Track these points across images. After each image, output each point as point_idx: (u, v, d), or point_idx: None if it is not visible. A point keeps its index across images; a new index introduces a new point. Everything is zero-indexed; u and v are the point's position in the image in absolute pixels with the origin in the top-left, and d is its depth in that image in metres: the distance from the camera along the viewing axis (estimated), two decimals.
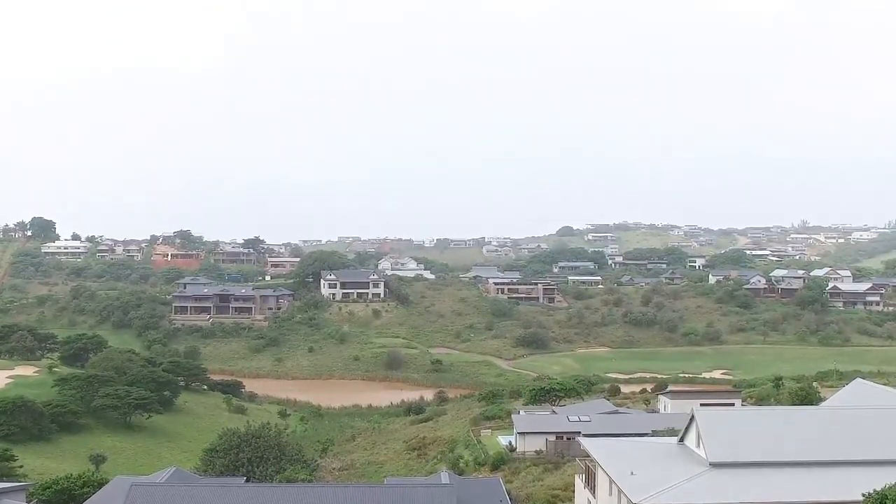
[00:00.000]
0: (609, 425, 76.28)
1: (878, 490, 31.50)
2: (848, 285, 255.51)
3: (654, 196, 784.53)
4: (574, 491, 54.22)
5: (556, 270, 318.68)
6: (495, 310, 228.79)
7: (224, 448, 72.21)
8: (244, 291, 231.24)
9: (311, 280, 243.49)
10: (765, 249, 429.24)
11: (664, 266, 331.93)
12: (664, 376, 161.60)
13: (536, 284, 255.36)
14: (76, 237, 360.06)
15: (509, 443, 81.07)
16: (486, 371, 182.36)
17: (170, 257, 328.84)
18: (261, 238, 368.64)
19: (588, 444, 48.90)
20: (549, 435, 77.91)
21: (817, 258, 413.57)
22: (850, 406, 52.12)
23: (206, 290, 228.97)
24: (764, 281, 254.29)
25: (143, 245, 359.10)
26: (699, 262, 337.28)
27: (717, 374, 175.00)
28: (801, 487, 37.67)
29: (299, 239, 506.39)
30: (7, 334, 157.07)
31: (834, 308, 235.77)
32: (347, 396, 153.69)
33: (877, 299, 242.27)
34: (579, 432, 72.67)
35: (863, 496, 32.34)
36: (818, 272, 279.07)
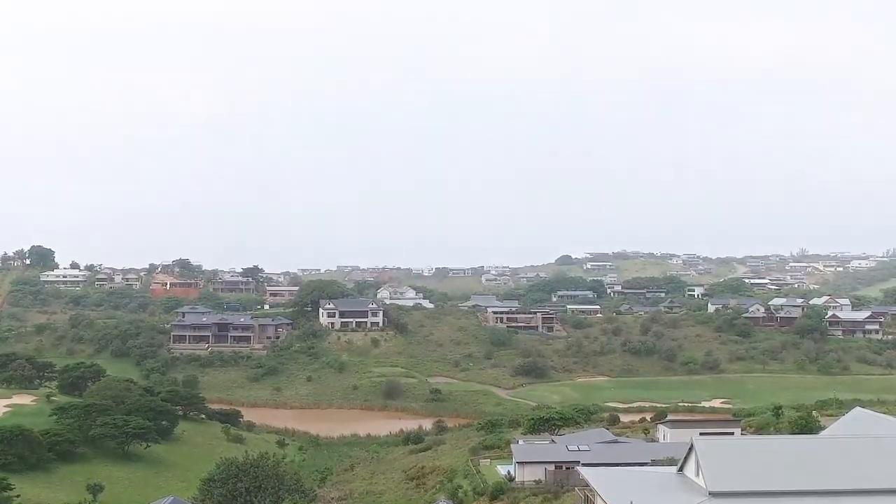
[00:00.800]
0: (608, 454, 76.05)
1: None
2: (847, 314, 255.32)
3: (653, 225, 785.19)
4: None
5: (555, 299, 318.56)
6: (494, 339, 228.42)
7: (222, 478, 72.01)
8: (243, 320, 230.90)
9: (310, 309, 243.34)
10: (763, 278, 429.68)
11: (663, 295, 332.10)
12: (663, 405, 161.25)
13: (535, 313, 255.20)
14: (75, 266, 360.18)
15: (508, 472, 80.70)
16: (485, 400, 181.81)
17: (168, 286, 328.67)
18: (259, 267, 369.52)
19: (587, 474, 48.88)
20: (549, 464, 77.55)
21: (816, 286, 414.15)
22: (850, 435, 52.12)
23: (205, 319, 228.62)
24: (763, 309, 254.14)
25: (142, 274, 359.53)
26: (698, 291, 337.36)
27: (717, 403, 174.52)
28: None
29: (298, 268, 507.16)
30: (5, 363, 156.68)
31: (833, 336, 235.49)
32: (346, 426, 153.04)
33: (876, 328, 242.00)
34: (578, 462, 72.49)
35: None
36: (817, 301, 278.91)
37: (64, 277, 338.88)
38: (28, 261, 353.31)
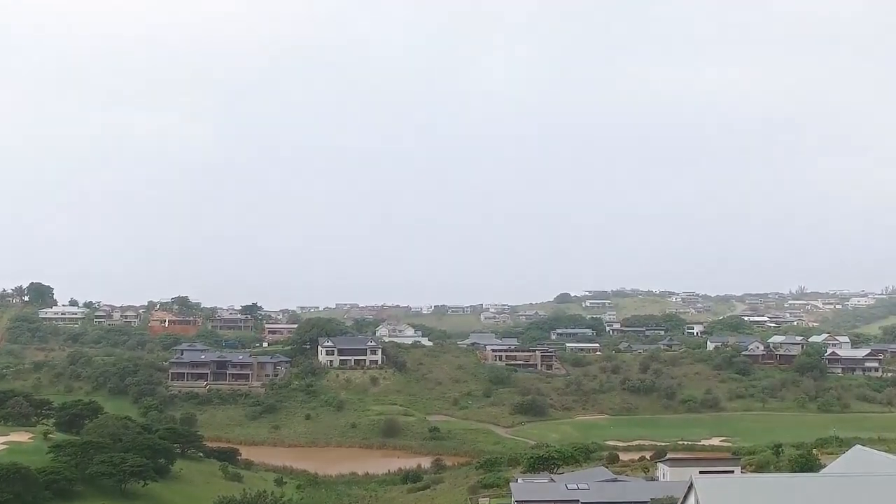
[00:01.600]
0: (608, 493, 75.90)
1: None
2: (846, 351, 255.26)
3: (652, 262, 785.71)
4: None
5: (554, 337, 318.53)
6: (493, 377, 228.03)
7: None
8: (241, 358, 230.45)
9: (309, 347, 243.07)
10: (762, 316, 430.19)
11: (662, 333, 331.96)
12: (663, 444, 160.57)
13: (534, 351, 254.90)
14: (74, 303, 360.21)
15: None
16: (484, 439, 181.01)
17: (167, 323, 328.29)
18: (258, 305, 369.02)
19: None
20: (548, 503, 77.33)
21: (815, 324, 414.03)
22: (850, 473, 52.09)
23: (204, 357, 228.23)
24: (762, 347, 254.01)
25: (141, 311, 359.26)
26: (697, 329, 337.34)
27: (716, 442, 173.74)
28: None
29: (297, 306, 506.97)
30: (2, 400, 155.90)
31: (832, 374, 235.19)
32: (344, 464, 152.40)
33: (875, 365, 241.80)
34: (578, 500, 72.36)
35: None
36: (816, 338, 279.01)
37: (62, 314, 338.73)
38: (27, 297, 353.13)
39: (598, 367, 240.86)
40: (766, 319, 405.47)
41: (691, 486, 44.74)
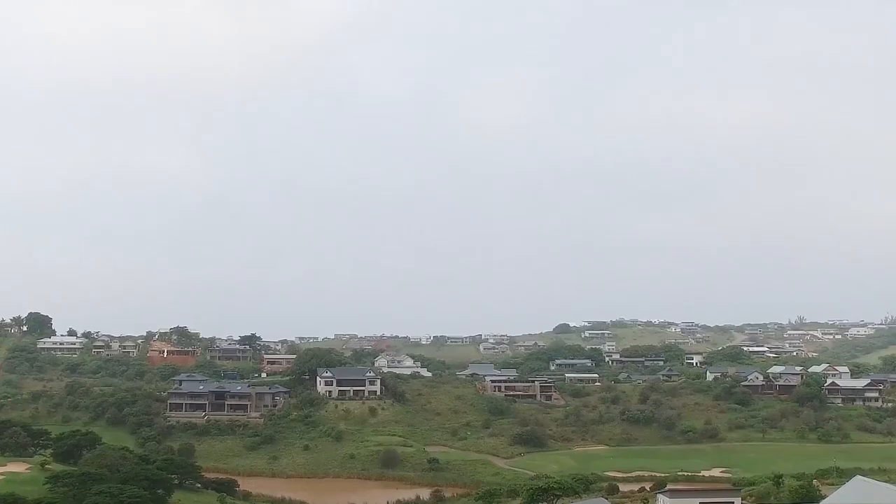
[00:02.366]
0: None
1: None
2: (846, 381, 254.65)
3: (651, 293, 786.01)
4: None
5: (553, 368, 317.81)
6: (492, 408, 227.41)
7: None
8: (240, 389, 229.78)
9: (308, 377, 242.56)
10: (762, 346, 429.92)
11: (661, 363, 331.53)
12: (663, 474, 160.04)
13: (533, 382, 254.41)
14: (72, 333, 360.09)
15: None
16: (483, 470, 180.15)
17: (166, 354, 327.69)
18: (257, 335, 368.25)
19: None
20: None
21: (815, 354, 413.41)
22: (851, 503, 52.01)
23: (202, 388, 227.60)
24: (762, 377, 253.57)
25: (140, 341, 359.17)
26: (696, 359, 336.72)
27: (717, 472, 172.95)
28: None
29: (296, 336, 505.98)
30: (0, 430, 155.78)
31: (832, 404, 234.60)
32: (343, 495, 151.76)
33: (875, 395, 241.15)
34: None
35: None
36: (816, 368, 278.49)
37: (61, 344, 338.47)
38: (25, 328, 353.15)
39: (598, 398, 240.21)
40: (766, 350, 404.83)
41: None
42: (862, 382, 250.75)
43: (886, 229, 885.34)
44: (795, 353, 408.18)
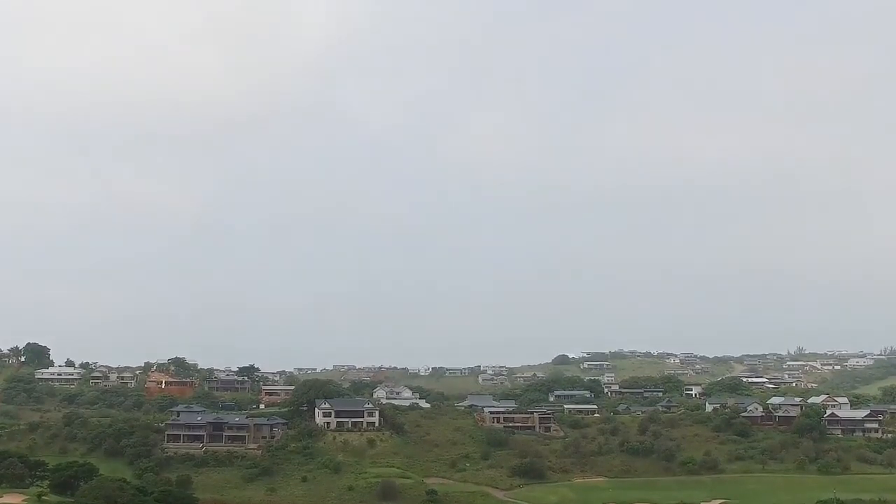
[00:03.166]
0: None
1: None
2: (846, 412, 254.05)
3: (650, 324, 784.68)
4: None
5: (552, 399, 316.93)
6: (491, 439, 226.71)
7: None
8: (238, 420, 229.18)
9: (306, 408, 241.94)
10: (761, 377, 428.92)
11: (660, 394, 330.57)
12: None
13: (532, 413, 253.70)
14: (70, 363, 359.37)
15: None
16: (482, 501, 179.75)
17: (164, 385, 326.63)
18: (255, 366, 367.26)
19: None
20: None
21: (814, 385, 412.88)
22: None
23: (200, 419, 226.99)
24: (761, 408, 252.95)
25: (138, 372, 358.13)
26: (695, 390, 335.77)
27: None
28: None
29: (294, 367, 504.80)
30: None
31: (832, 436, 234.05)
32: None
33: (875, 426, 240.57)
34: None
35: None
36: (815, 399, 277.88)
37: (59, 375, 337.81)
38: (23, 358, 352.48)
39: (597, 429, 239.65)
40: (765, 380, 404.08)
41: None
42: (861, 413, 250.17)
43: (885, 261, 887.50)
44: (795, 384, 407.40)
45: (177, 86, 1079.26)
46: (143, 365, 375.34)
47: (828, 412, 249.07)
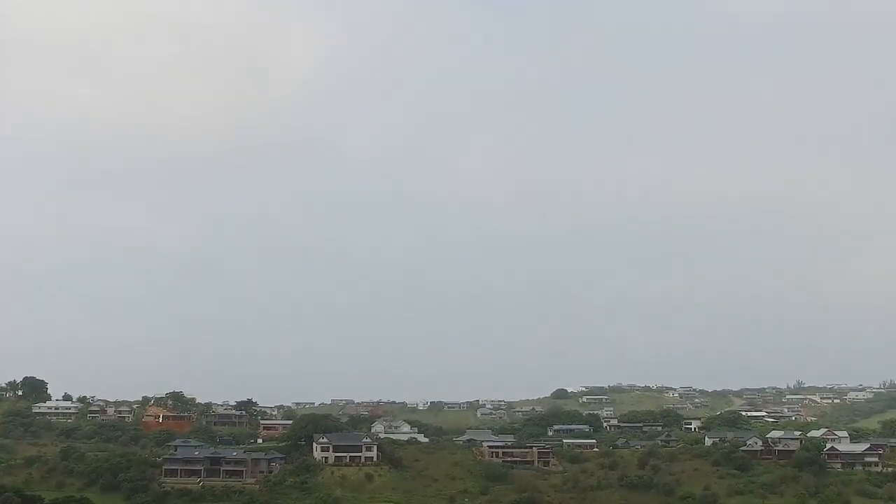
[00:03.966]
0: None
1: None
2: (846, 446, 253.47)
3: (648, 358, 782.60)
4: None
5: (551, 434, 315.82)
6: (489, 473, 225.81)
7: None
8: (235, 454, 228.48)
9: (304, 443, 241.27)
10: (760, 411, 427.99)
11: (660, 428, 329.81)
12: None
13: (531, 448, 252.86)
14: (68, 397, 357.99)
15: None
16: None
17: (161, 419, 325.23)
18: (253, 400, 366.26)
19: None
20: None
21: (813, 419, 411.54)
22: None
23: (197, 453, 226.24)
24: (760, 442, 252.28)
25: (135, 406, 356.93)
26: (695, 424, 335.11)
27: None
28: None
29: (292, 401, 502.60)
30: None
31: (832, 469, 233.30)
32: None
33: (875, 460, 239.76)
34: None
35: None
36: (815, 433, 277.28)
37: (56, 409, 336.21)
38: (20, 392, 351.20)
39: (596, 464, 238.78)
40: (765, 414, 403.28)
41: None
42: (861, 447, 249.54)
43: (884, 294, 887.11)
44: (794, 418, 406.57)
45: (155, 120, 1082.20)
46: (141, 399, 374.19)
47: (828, 446, 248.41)
